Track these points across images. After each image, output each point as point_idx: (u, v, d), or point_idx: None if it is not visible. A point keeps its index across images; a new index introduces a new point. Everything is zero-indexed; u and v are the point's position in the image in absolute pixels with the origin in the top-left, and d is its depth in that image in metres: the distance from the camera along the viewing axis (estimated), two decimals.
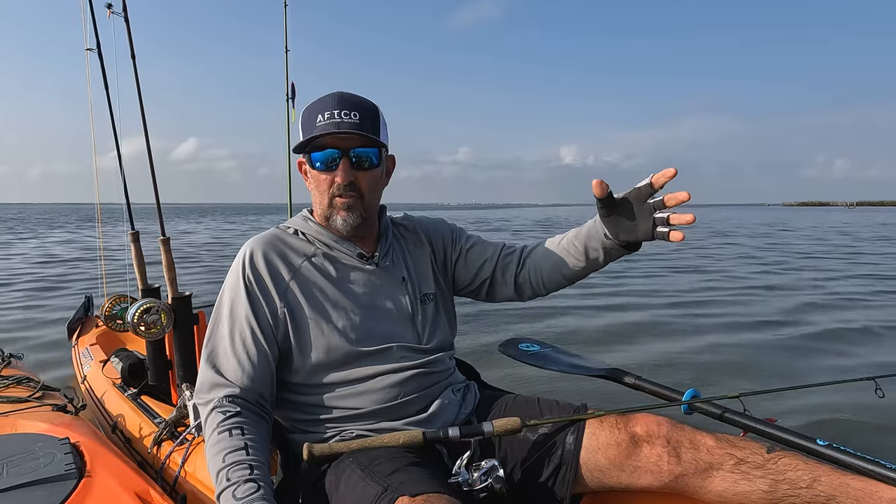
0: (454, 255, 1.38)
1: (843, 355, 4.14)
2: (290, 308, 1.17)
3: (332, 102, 1.16)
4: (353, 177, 1.16)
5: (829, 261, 10.76)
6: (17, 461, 1.22)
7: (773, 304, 6.18)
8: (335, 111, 1.14)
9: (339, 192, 1.17)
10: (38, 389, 1.90)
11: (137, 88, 1.81)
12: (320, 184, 1.19)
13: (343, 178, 1.16)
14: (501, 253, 1.35)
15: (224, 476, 0.95)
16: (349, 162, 1.16)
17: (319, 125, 1.14)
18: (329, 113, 1.14)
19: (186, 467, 1.41)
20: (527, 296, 1.35)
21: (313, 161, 1.17)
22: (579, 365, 1.78)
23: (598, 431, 1.16)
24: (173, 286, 1.81)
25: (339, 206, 1.19)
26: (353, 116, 1.14)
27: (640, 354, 4.18)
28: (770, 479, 1.03)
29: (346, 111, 1.14)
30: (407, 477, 0.98)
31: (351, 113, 1.14)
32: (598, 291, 6.91)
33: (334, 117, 1.14)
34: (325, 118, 1.14)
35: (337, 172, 1.16)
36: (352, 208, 1.18)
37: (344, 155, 1.15)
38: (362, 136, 1.15)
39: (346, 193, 1.17)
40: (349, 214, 1.19)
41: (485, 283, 1.36)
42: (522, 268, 1.33)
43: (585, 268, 1.24)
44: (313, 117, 1.16)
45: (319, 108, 1.16)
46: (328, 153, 1.16)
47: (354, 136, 1.14)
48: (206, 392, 1.10)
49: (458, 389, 1.29)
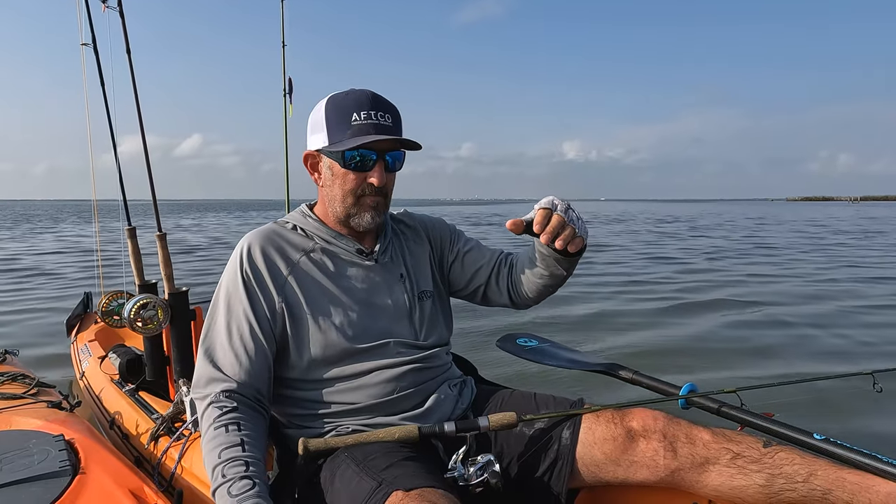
0: (451, 257, 1.37)
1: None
2: (288, 303, 1.16)
3: (368, 102, 1.14)
4: (386, 179, 1.17)
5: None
6: (10, 458, 1.22)
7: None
8: (372, 112, 1.13)
9: (369, 193, 1.17)
10: (33, 386, 1.90)
11: (133, 84, 1.81)
12: (347, 182, 1.17)
13: (379, 181, 1.15)
14: (497, 260, 1.34)
15: (220, 472, 0.95)
16: (385, 164, 1.16)
17: (356, 124, 1.12)
18: (366, 113, 1.12)
19: (183, 463, 1.41)
20: (520, 304, 1.34)
21: (346, 159, 1.14)
22: (577, 360, 1.78)
23: (594, 426, 1.15)
24: (170, 282, 1.80)
25: (367, 205, 1.18)
26: (387, 119, 1.14)
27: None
28: (766, 474, 1.02)
29: (382, 113, 1.14)
30: (401, 471, 0.98)
31: (386, 115, 1.14)
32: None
33: (371, 118, 1.12)
34: (361, 118, 1.12)
35: (372, 173, 1.15)
36: (378, 207, 1.19)
37: (381, 158, 1.15)
38: (398, 140, 1.15)
39: (376, 195, 1.17)
40: (376, 213, 1.19)
41: (479, 288, 1.36)
42: (512, 277, 1.32)
43: (551, 276, 1.22)
44: (346, 114, 1.13)
45: (353, 105, 1.13)
46: (366, 153, 1.14)
47: (391, 140, 1.14)
48: (203, 386, 1.09)
49: (455, 385, 1.28)
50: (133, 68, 1.82)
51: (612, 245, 13.21)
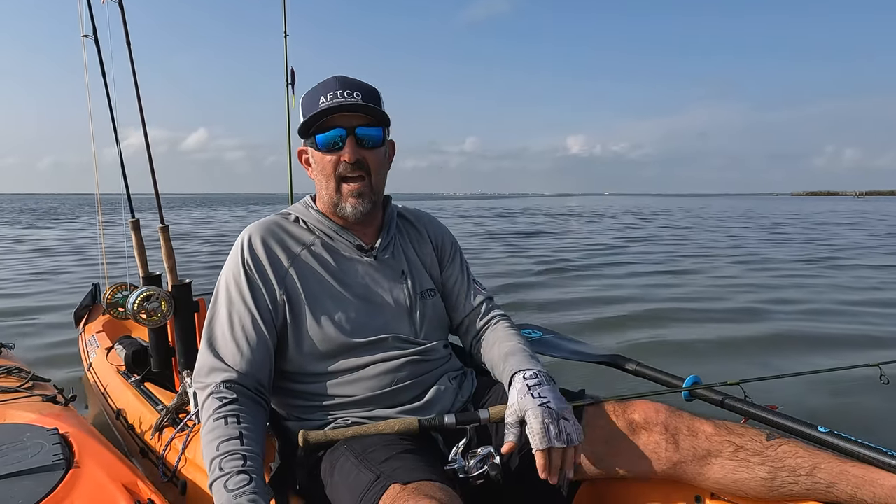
0: (442, 273, 1.35)
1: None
2: (289, 295, 1.16)
3: (335, 84, 1.15)
4: (360, 155, 1.15)
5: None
6: (4, 451, 1.21)
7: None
8: (338, 91, 1.14)
9: (346, 173, 1.16)
10: (28, 380, 1.88)
11: (133, 76, 1.80)
12: (325, 167, 1.17)
13: (350, 156, 1.14)
14: (473, 312, 1.32)
15: (217, 465, 0.95)
16: (355, 140, 1.15)
17: (323, 105, 1.13)
18: (332, 94, 1.13)
19: (187, 454, 1.42)
20: (474, 361, 1.34)
21: (318, 143, 1.16)
22: (581, 351, 1.77)
23: (595, 418, 1.15)
24: (173, 274, 1.81)
25: (347, 192, 1.17)
26: (356, 96, 1.14)
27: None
28: (769, 467, 1.01)
29: (350, 91, 1.14)
30: (400, 464, 0.98)
31: (354, 93, 1.14)
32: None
33: (337, 97, 1.13)
34: (327, 99, 1.13)
35: (343, 151, 1.15)
36: (362, 195, 1.17)
37: (350, 133, 1.14)
38: (367, 115, 1.14)
39: (354, 173, 1.16)
40: (359, 202, 1.18)
41: (453, 320, 1.35)
42: (477, 342, 1.31)
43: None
44: (315, 100, 1.15)
45: (321, 90, 1.15)
46: (334, 132, 1.14)
47: (360, 115, 1.14)
48: (205, 376, 1.09)
49: (455, 377, 1.28)
50: (133, 59, 1.82)
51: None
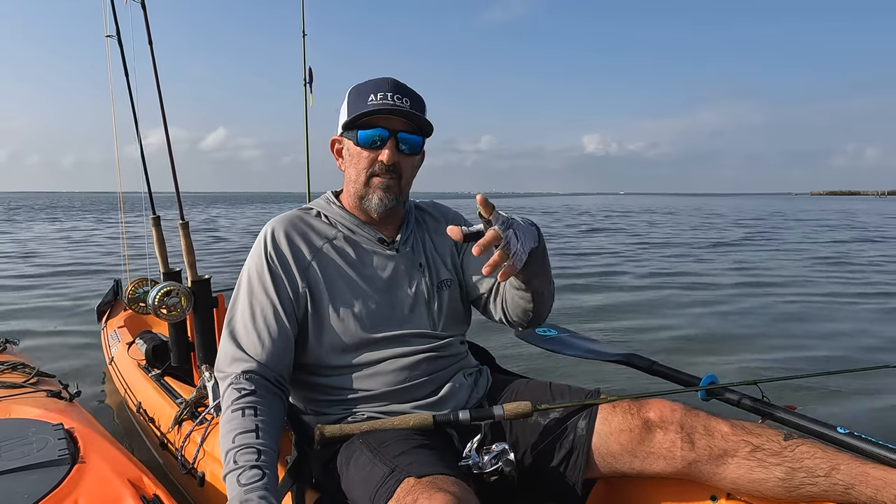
0: (460, 256, 1.35)
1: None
2: (311, 288, 1.18)
3: (386, 85, 1.17)
4: (397, 159, 1.17)
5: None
6: (9, 446, 1.22)
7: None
8: (388, 93, 1.15)
9: (379, 172, 1.18)
10: (32, 375, 1.89)
11: (155, 75, 1.84)
12: (360, 161, 1.19)
13: (388, 158, 1.16)
14: (493, 280, 1.28)
15: (232, 458, 0.96)
16: (395, 143, 1.16)
17: (372, 103, 1.14)
18: (383, 94, 1.15)
19: (205, 447, 1.45)
20: (513, 323, 1.28)
21: (359, 137, 1.17)
22: (596, 350, 1.77)
23: (610, 417, 1.14)
24: (193, 269, 1.84)
25: (376, 185, 1.19)
26: (404, 102, 1.16)
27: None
28: (787, 467, 1.00)
29: (399, 96, 1.16)
30: (415, 458, 0.98)
31: (403, 98, 1.16)
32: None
33: (388, 99, 1.15)
34: (377, 98, 1.15)
35: (382, 151, 1.16)
36: (389, 189, 1.19)
37: (392, 136, 1.16)
38: (411, 122, 1.16)
39: (387, 174, 1.18)
40: (386, 195, 1.19)
41: (480, 298, 1.31)
42: (502, 298, 1.26)
43: (520, 289, 1.16)
44: (364, 96, 1.16)
45: (372, 88, 1.16)
46: (377, 131, 1.16)
47: (404, 120, 1.16)
48: (227, 366, 1.11)
49: (471, 374, 1.28)
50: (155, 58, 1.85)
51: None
